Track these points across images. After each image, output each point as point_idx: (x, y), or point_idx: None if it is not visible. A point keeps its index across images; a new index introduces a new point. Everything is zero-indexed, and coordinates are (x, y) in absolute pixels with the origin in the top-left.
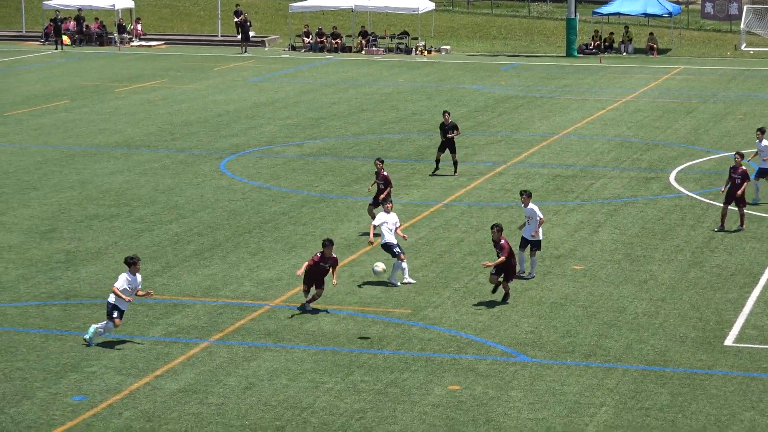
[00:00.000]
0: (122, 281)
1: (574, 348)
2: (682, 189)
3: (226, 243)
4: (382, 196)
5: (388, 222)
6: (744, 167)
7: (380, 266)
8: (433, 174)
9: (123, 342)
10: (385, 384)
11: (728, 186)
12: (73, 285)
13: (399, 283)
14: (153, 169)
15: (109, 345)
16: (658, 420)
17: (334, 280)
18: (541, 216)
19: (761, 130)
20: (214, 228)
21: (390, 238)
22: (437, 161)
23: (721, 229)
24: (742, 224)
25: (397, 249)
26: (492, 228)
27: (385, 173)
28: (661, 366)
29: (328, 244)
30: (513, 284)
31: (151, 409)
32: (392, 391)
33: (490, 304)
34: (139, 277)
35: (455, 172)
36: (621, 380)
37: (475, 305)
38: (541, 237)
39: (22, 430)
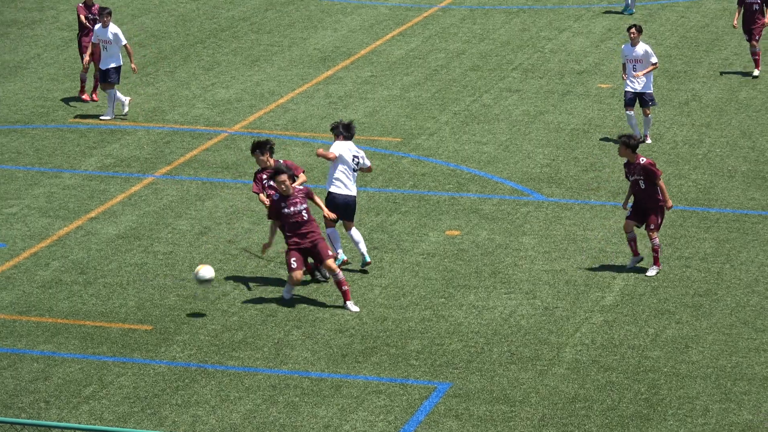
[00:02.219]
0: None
1: (600, 184)
2: None
3: (174, 56)
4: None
5: None
6: None
7: (206, 273)
8: None
9: (49, 177)
10: (369, 228)
11: (742, 13)
12: None
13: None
14: None
15: (34, 181)
16: (699, 272)
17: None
18: (656, 60)
19: None
20: (158, 37)
21: None
22: None
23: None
24: (756, 66)
25: None
26: (277, 176)
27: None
28: (705, 206)
29: (255, 150)
30: (527, 107)
31: (85, 258)
32: (378, 238)
33: (498, 132)
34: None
35: None
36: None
37: (478, 132)
38: (650, 88)
39: None
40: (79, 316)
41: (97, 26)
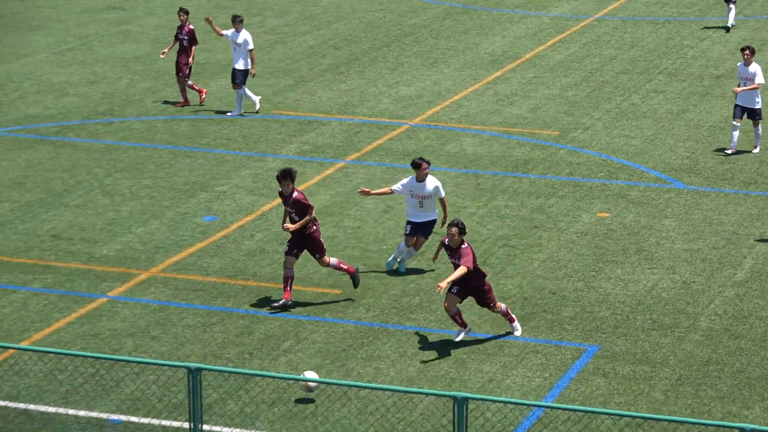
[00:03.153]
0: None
1: (733, 175)
2: None
3: (364, 57)
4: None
5: None
6: None
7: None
8: None
9: (255, 161)
10: (530, 210)
11: None
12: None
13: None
14: None
15: (242, 164)
16: None
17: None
18: (761, 80)
19: None
20: (350, 41)
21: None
22: None
23: None
24: None
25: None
26: (450, 227)
27: (190, 26)
28: None
29: (280, 177)
30: (670, 106)
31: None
32: (537, 218)
33: (645, 127)
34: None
35: None
36: None
37: (627, 127)
38: (756, 104)
39: (150, 251)
40: (278, 281)
41: (231, 30)
